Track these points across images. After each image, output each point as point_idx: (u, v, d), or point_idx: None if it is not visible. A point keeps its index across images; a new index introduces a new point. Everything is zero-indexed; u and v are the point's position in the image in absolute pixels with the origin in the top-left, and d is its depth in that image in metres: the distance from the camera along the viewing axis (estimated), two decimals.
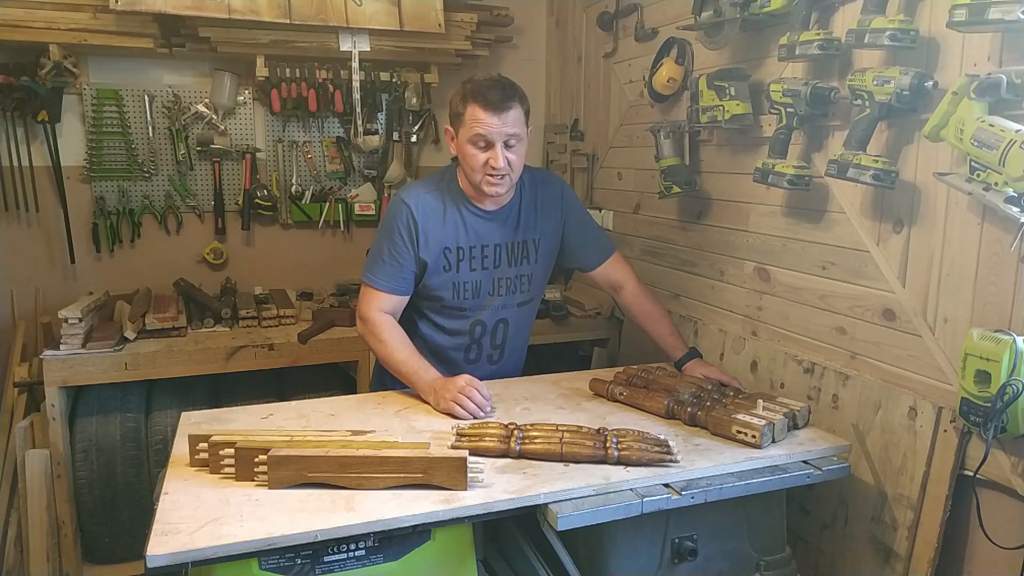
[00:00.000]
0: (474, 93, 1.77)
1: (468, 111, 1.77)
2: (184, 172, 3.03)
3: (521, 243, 1.96)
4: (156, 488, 1.42)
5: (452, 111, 1.83)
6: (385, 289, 1.87)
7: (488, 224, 1.92)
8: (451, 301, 1.93)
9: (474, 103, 1.76)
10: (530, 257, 1.98)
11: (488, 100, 1.75)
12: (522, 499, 1.35)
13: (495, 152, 1.77)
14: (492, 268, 1.94)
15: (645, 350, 2.71)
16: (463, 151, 1.81)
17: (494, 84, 1.79)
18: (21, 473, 2.41)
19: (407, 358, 1.85)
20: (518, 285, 1.98)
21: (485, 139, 1.77)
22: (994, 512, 1.54)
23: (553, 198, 2.01)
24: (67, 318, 2.38)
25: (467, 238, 1.90)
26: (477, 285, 1.93)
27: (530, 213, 1.97)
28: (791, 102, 1.87)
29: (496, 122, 1.76)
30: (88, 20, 2.64)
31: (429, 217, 1.87)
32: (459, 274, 1.91)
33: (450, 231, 1.89)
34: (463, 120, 1.79)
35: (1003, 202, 1.40)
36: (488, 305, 1.96)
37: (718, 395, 1.77)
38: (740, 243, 2.26)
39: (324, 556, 1.30)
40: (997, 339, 1.42)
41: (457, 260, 1.90)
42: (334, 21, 2.78)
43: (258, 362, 2.59)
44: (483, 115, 1.75)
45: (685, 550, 1.52)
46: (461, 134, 1.81)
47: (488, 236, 1.92)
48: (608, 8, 2.90)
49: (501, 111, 1.76)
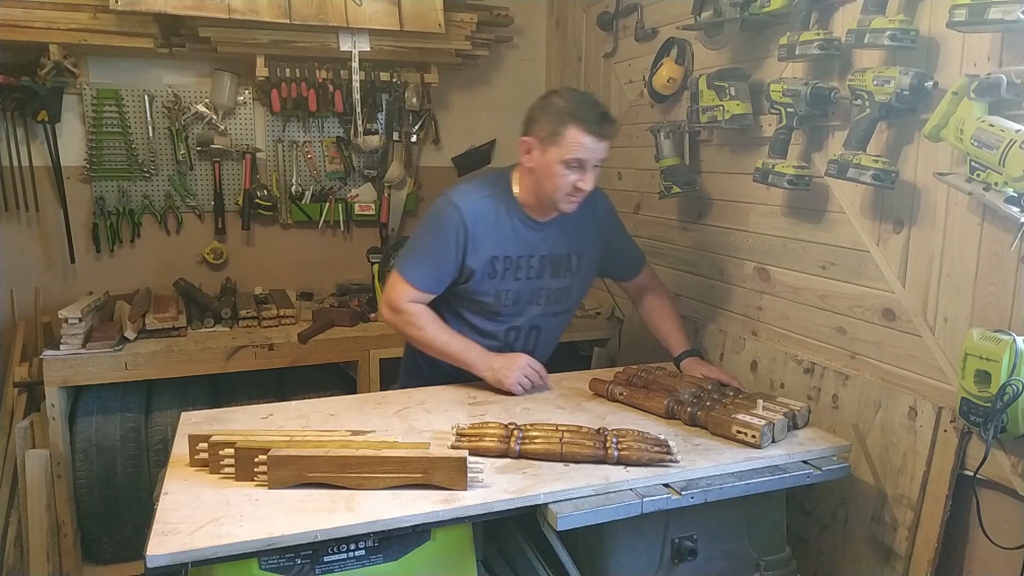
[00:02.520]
0: (580, 116, 1.72)
1: (571, 133, 1.72)
2: (184, 172, 3.03)
3: (566, 256, 1.96)
4: (156, 488, 1.42)
5: (544, 127, 1.76)
6: (419, 286, 1.86)
7: (537, 235, 1.91)
8: (491, 306, 1.92)
9: (580, 127, 1.72)
10: (572, 269, 1.98)
11: (596, 128, 1.73)
12: (522, 499, 1.35)
13: (586, 175, 1.77)
14: (535, 278, 1.93)
15: (645, 350, 2.71)
16: (549, 169, 1.77)
17: (597, 108, 1.76)
18: (21, 473, 2.41)
19: (450, 339, 1.88)
20: (557, 296, 1.98)
21: (582, 162, 1.75)
22: (994, 512, 1.54)
23: (599, 214, 2.02)
24: (67, 318, 2.38)
25: (516, 248, 1.88)
26: (518, 294, 1.93)
27: (577, 227, 1.96)
28: (791, 102, 1.87)
29: (598, 148, 1.75)
30: (88, 20, 2.63)
31: (479, 224, 1.83)
32: (503, 282, 1.90)
33: (500, 240, 1.86)
34: (561, 141, 1.74)
35: (1003, 202, 1.40)
36: (526, 312, 1.96)
37: (718, 395, 1.77)
38: (740, 243, 2.26)
39: (324, 556, 1.30)
40: (997, 339, 1.42)
41: (504, 269, 1.88)
42: (334, 21, 2.78)
43: (258, 362, 2.59)
44: (588, 141, 1.73)
45: (685, 550, 1.52)
46: (553, 153, 1.75)
47: (535, 247, 1.91)
48: (608, 8, 2.90)
49: (603, 138, 1.75)
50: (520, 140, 1.84)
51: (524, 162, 1.84)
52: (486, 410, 1.77)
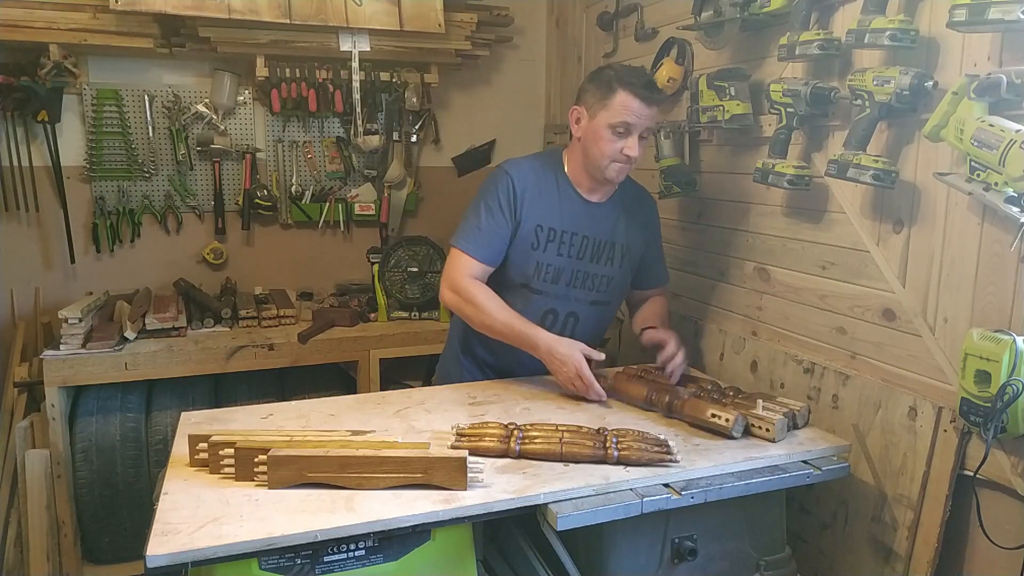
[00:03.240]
0: (627, 81, 1.78)
1: (619, 97, 1.78)
2: (184, 172, 3.03)
3: (609, 244, 1.98)
4: (156, 488, 1.42)
5: (592, 93, 1.82)
6: (477, 256, 1.87)
7: (583, 214, 1.93)
8: (530, 280, 1.93)
9: (627, 90, 1.78)
10: (615, 260, 1.99)
11: (643, 91, 1.78)
12: (522, 499, 1.36)
13: (632, 140, 1.80)
14: (576, 258, 1.95)
15: (645, 350, 2.71)
16: (597, 134, 1.82)
17: (644, 74, 1.82)
18: (21, 473, 2.41)
19: (510, 320, 1.85)
20: (596, 283, 1.99)
21: (629, 127, 1.79)
22: (994, 512, 1.54)
23: (648, 215, 2.07)
24: (67, 318, 2.38)
25: (561, 221, 1.91)
26: (559, 271, 1.94)
27: (625, 219, 1.99)
28: (791, 102, 1.87)
29: (646, 112, 1.80)
30: (88, 20, 2.64)
31: (529, 189, 1.89)
32: (544, 254, 1.91)
33: (546, 209, 1.90)
34: (610, 104, 1.79)
35: (1003, 202, 1.40)
36: (564, 295, 1.96)
37: (718, 395, 1.77)
38: (740, 243, 2.26)
39: (324, 556, 1.29)
40: (997, 339, 1.42)
41: (547, 240, 1.91)
42: (334, 21, 2.78)
43: (258, 362, 2.59)
44: (636, 104, 1.77)
45: (685, 550, 1.52)
46: (602, 117, 1.80)
47: (580, 226, 1.93)
48: (608, 8, 2.90)
49: (652, 103, 1.80)
50: (570, 110, 1.90)
51: (574, 132, 1.89)
52: (486, 410, 1.78)
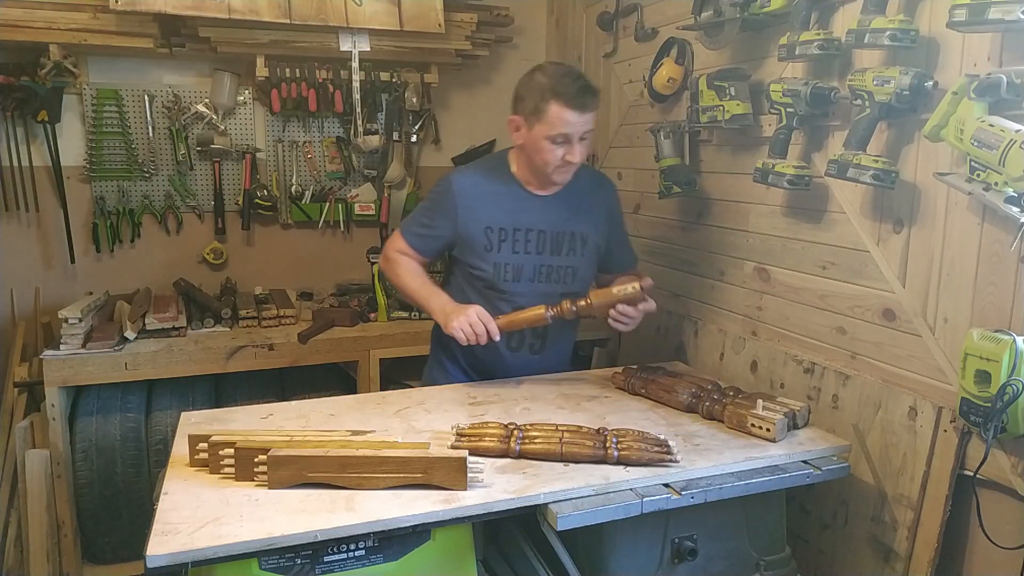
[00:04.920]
0: (561, 92, 1.76)
1: (552, 109, 1.77)
2: (184, 172, 3.03)
3: (569, 234, 1.98)
4: (156, 488, 1.42)
5: (528, 104, 1.81)
6: (410, 244, 2.00)
7: (536, 208, 1.94)
8: (491, 280, 1.94)
9: (560, 102, 1.76)
10: (577, 250, 1.99)
11: (575, 101, 1.76)
12: (522, 499, 1.36)
13: (573, 148, 1.81)
14: (536, 253, 1.95)
15: (645, 350, 2.71)
16: (537, 145, 1.82)
17: (578, 81, 1.79)
18: (21, 473, 2.41)
19: (420, 286, 1.99)
20: (562, 276, 1.99)
21: (567, 136, 1.79)
22: (994, 512, 1.54)
23: (606, 201, 2.06)
24: (67, 318, 2.38)
25: (512, 219, 1.93)
26: (518, 268, 1.95)
27: (581, 208, 1.99)
28: (791, 102, 1.87)
29: (583, 119, 1.79)
30: (88, 20, 2.63)
31: (470, 195, 1.92)
32: (500, 254, 1.93)
33: (493, 211, 1.92)
34: (544, 118, 1.78)
35: (1003, 202, 1.40)
36: (530, 292, 1.96)
37: (718, 395, 1.77)
38: (740, 243, 2.26)
39: (324, 556, 1.30)
40: (997, 339, 1.42)
41: (499, 240, 1.92)
42: (334, 21, 2.78)
43: (258, 362, 2.59)
44: (571, 116, 1.77)
45: (685, 550, 1.52)
46: (539, 130, 1.80)
47: (534, 221, 1.94)
48: (608, 8, 2.90)
49: (585, 110, 1.78)
50: (508, 119, 1.90)
51: (514, 140, 1.89)
52: (486, 410, 1.78)
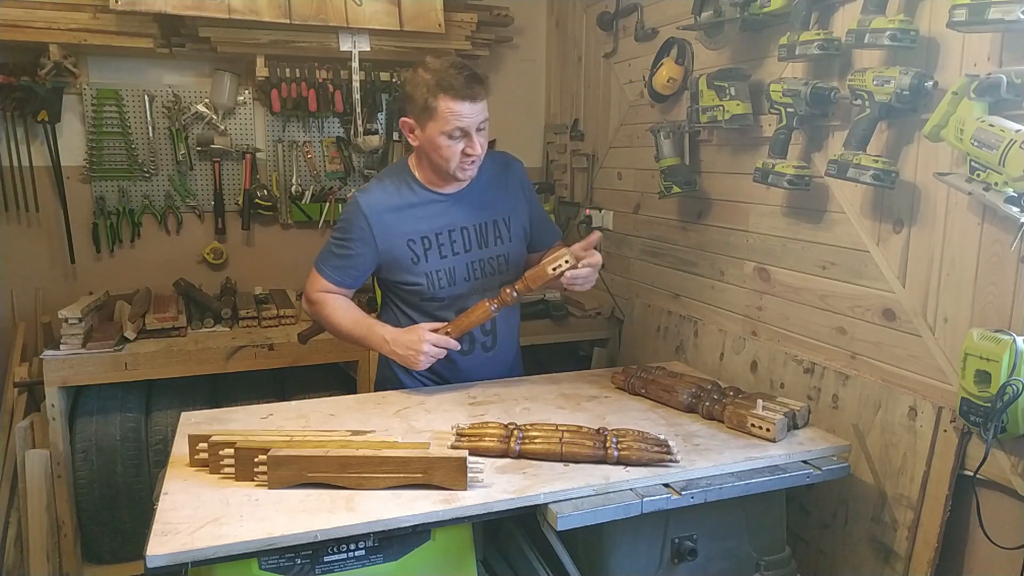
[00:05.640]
0: (448, 86, 1.71)
1: (442, 104, 1.71)
2: (184, 172, 3.03)
3: (492, 223, 1.93)
4: (156, 488, 1.42)
5: (416, 104, 1.75)
6: (331, 280, 1.90)
7: (450, 208, 1.88)
8: (427, 292, 1.89)
9: (448, 96, 1.71)
10: (503, 236, 1.94)
11: (464, 92, 1.70)
12: (522, 499, 1.35)
13: (472, 140, 1.75)
14: (463, 252, 1.90)
15: (645, 350, 2.71)
16: (435, 143, 1.76)
17: (462, 72, 1.72)
18: (21, 473, 2.41)
19: (355, 322, 1.90)
20: (495, 265, 1.94)
21: (463, 130, 1.74)
22: (994, 512, 1.54)
23: (517, 180, 1.99)
24: (67, 318, 2.38)
25: (430, 225, 1.87)
26: (451, 272, 1.90)
27: (494, 193, 1.93)
28: (791, 102, 1.87)
29: (473, 111, 1.73)
30: (88, 20, 2.64)
31: (383, 213, 1.84)
32: (429, 263, 1.87)
33: (410, 221, 1.86)
34: (436, 114, 1.73)
35: (1003, 202, 1.40)
36: (467, 291, 1.92)
37: (718, 395, 1.77)
38: (740, 243, 2.26)
39: (324, 556, 1.30)
40: (997, 339, 1.42)
41: (424, 250, 1.87)
42: (334, 21, 2.78)
43: (258, 362, 2.59)
44: (460, 107, 1.71)
45: (685, 550, 1.52)
46: (432, 128, 1.75)
47: (452, 220, 1.89)
48: (608, 8, 2.90)
49: (476, 99, 1.73)
50: (400, 122, 1.84)
51: (410, 142, 1.84)
52: (486, 410, 1.77)
